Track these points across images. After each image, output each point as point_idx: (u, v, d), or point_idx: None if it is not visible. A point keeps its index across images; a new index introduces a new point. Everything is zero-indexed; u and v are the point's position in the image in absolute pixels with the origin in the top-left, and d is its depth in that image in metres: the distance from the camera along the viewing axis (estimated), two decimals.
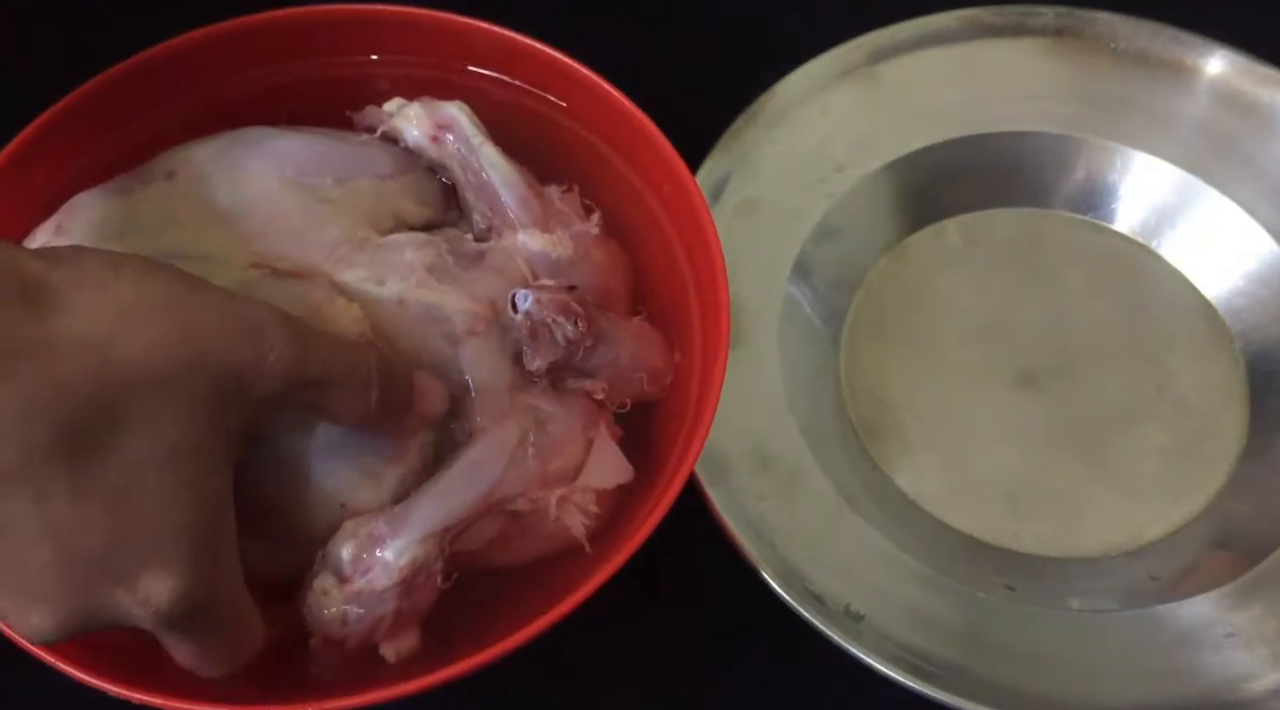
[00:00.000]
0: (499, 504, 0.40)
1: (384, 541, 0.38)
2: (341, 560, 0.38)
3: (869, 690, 0.45)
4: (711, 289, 0.43)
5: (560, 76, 0.47)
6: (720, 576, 0.47)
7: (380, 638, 0.39)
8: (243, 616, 0.35)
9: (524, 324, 0.41)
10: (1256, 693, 0.45)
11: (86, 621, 0.32)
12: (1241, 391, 0.54)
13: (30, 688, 0.40)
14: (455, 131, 0.45)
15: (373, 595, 0.38)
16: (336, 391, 0.36)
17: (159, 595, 0.32)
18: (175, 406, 0.31)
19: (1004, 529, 0.50)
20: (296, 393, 0.35)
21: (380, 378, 0.37)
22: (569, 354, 0.42)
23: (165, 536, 0.32)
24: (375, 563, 0.38)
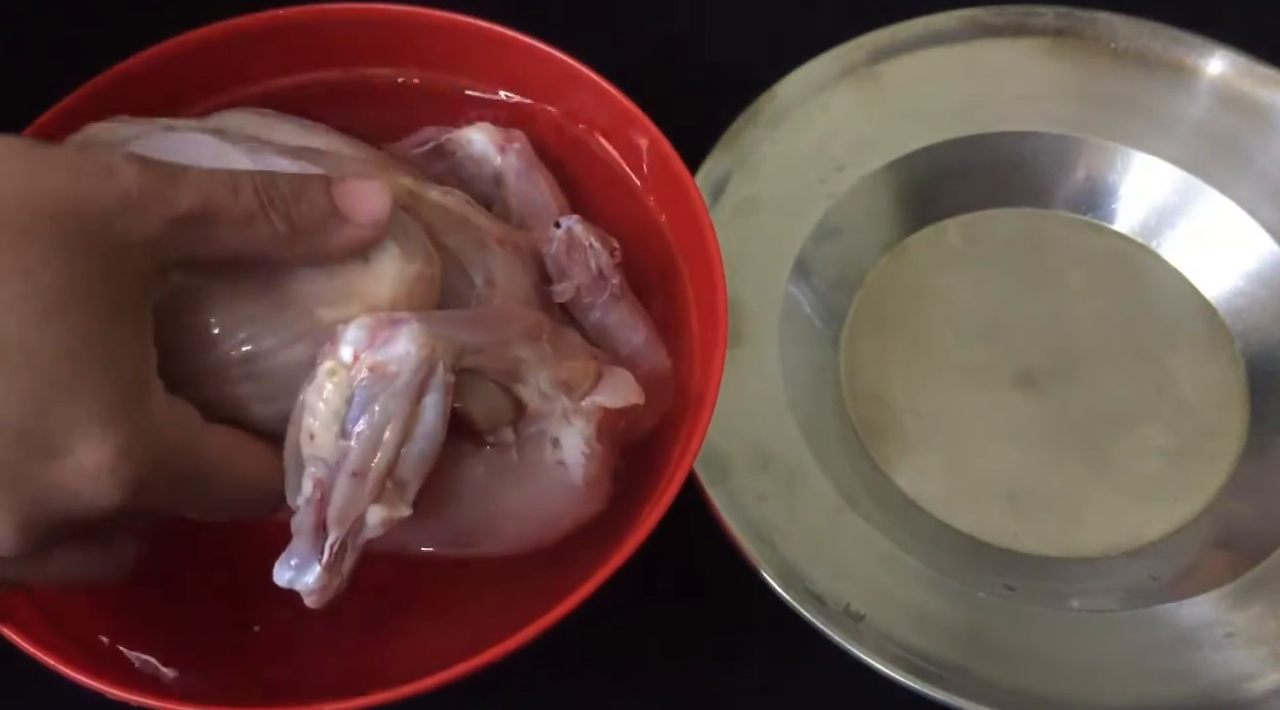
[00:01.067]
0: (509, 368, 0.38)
1: (403, 324, 0.35)
2: (353, 335, 0.34)
3: (869, 690, 0.45)
4: (710, 289, 0.43)
5: (560, 76, 0.47)
6: (720, 576, 0.47)
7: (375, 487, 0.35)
8: (222, 461, 0.34)
9: (563, 239, 0.40)
10: (1256, 693, 0.45)
11: (44, 513, 0.30)
12: (1241, 391, 0.54)
13: (30, 688, 0.40)
14: (521, 145, 0.46)
15: (386, 378, 0.34)
16: (227, 224, 0.33)
17: (102, 457, 0.30)
18: (44, 254, 0.30)
19: (1004, 529, 0.50)
20: (184, 234, 0.32)
21: (277, 195, 0.33)
22: (596, 287, 0.41)
23: (79, 390, 0.30)
24: (397, 336, 0.34)
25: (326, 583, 0.35)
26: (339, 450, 0.34)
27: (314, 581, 0.34)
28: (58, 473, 0.30)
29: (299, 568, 0.35)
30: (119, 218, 0.31)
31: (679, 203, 0.45)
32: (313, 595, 0.35)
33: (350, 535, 0.35)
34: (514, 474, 0.40)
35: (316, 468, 0.34)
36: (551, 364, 0.39)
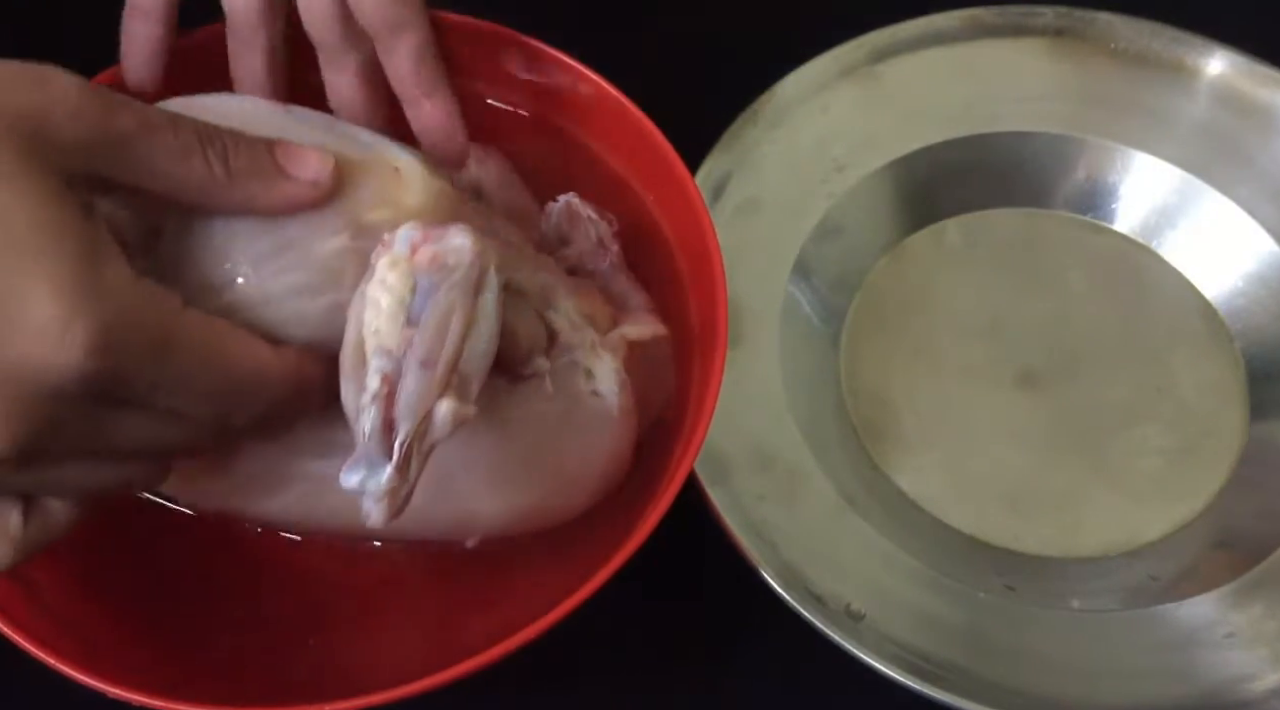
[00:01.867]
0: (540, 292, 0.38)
1: (452, 224, 0.35)
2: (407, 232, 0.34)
3: (869, 690, 0.45)
4: (710, 289, 0.43)
5: (560, 75, 0.47)
6: (720, 576, 0.47)
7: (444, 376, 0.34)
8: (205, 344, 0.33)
9: (562, 210, 0.41)
10: (1256, 693, 0.45)
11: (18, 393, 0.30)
12: (1241, 391, 0.54)
13: (30, 688, 0.40)
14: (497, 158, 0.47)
15: (446, 269, 0.34)
16: (162, 152, 0.33)
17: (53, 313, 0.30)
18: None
19: (1004, 529, 0.50)
20: (118, 150, 0.32)
21: (217, 140, 0.34)
22: (598, 254, 0.41)
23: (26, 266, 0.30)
24: (449, 232, 0.34)
25: (397, 485, 0.33)
26: (405, 340, 0.34)
27: (385, 482, 0.33)
28: (19, 344, 0.30)
29: (368, 470, 0.33)
30: (52, 117, 0.31)
31: (679, 203, 0.45)
32: (382, 500, 0.33)
33: (418, 437, 0.33)
34: (552, 405, 0.40)
35: (382, 362, 0.33)
36: (577, 295, 0.40)
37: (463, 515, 0.41)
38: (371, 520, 0.33)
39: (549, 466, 0.41)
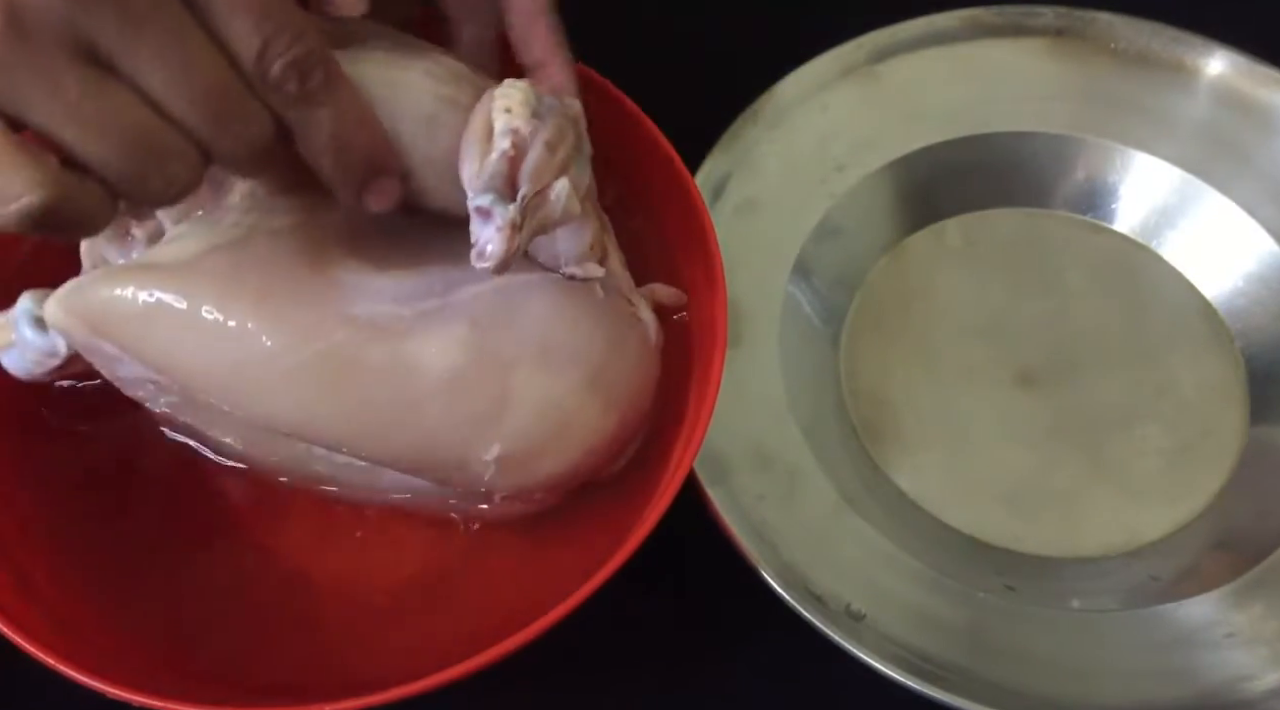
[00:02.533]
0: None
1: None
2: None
3: (869, 690, 0.45)
4: (710, 289, 0.43)
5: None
6: (720, 576, 0.47)
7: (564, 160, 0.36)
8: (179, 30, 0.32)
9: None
10: (1256, 693, 0.45)
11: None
12: (1241, 391, 0.54)
13: (30, 688, 0.40)
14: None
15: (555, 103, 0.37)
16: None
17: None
18: None
19: (1004, 529, 0.50)
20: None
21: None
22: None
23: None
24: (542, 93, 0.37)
25: (512, 234, 0.35)
26: (533, 124, 0.36)
27: (511, 212, 0.35)
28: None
29: (489, 217, 0.35)
30: None
31: (679, 203, 0.45)
32: (499, 245, 0.35)
33: (532, 208, 0.35)
34: (603, 306, 0.40)
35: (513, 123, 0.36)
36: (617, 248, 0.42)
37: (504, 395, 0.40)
38: (490, 250, 0.35)
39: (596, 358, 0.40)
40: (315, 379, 0.38)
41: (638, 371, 0.42)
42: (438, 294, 0.39)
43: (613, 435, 0.41)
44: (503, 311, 0.39)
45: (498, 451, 0.39)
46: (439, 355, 0.38)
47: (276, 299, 0.38)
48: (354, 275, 0.39)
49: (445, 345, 0.38)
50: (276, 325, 0.37)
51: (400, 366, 0.38)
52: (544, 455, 0.40)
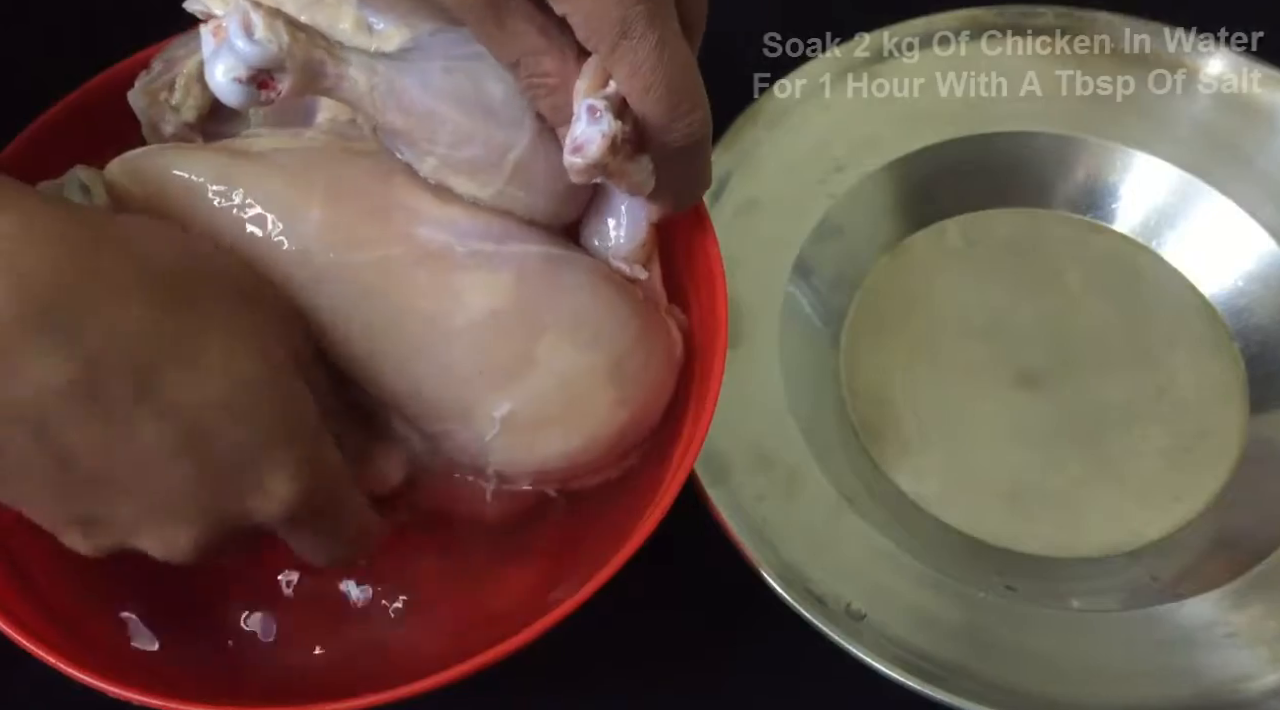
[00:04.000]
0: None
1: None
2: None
3: (869, 690, 0.45)
4: (710, 288, 0.43)
5: None
6: (720, 576, 0.47)
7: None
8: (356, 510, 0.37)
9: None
10: (1256, 693, 0.45)
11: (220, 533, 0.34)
12: (1241, 391, 0.54)
13: (30, 688, 0.40)
14: None
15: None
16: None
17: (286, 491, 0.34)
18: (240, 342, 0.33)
19: (1004, 529, 0.50)
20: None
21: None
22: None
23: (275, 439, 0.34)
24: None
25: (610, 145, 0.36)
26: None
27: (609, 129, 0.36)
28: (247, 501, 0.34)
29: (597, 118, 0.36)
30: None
31: None
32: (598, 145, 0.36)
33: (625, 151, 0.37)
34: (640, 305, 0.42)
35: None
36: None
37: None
38: (588, 148, 0.36)
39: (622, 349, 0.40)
40: (360, 283, 0.38)
41: (658, 377, 0.42)
42: (494, 239, 0.39)
43: (619, 431, 0.41)
44: (549, 274, 0.39)
45: (507, 409, 0.39)
46: (482, 295, 0.38)
47: (341, 203, 0.38)
48: (418, 201, 0.39)
49: (490, 288, 0.39)
50: (336, 226, 0.38)
51: (444, 293, 0.38)
52: (549, 428, 0.40)
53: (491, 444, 0.39)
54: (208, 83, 0.37)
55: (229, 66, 0.36)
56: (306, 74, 0.37)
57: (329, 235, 0.38)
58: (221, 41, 0.36)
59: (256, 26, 0.36)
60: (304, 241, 0.38)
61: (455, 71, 0.39)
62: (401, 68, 0.38)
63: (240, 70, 0.36)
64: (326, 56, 0.37)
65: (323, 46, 0.37)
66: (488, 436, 0.39)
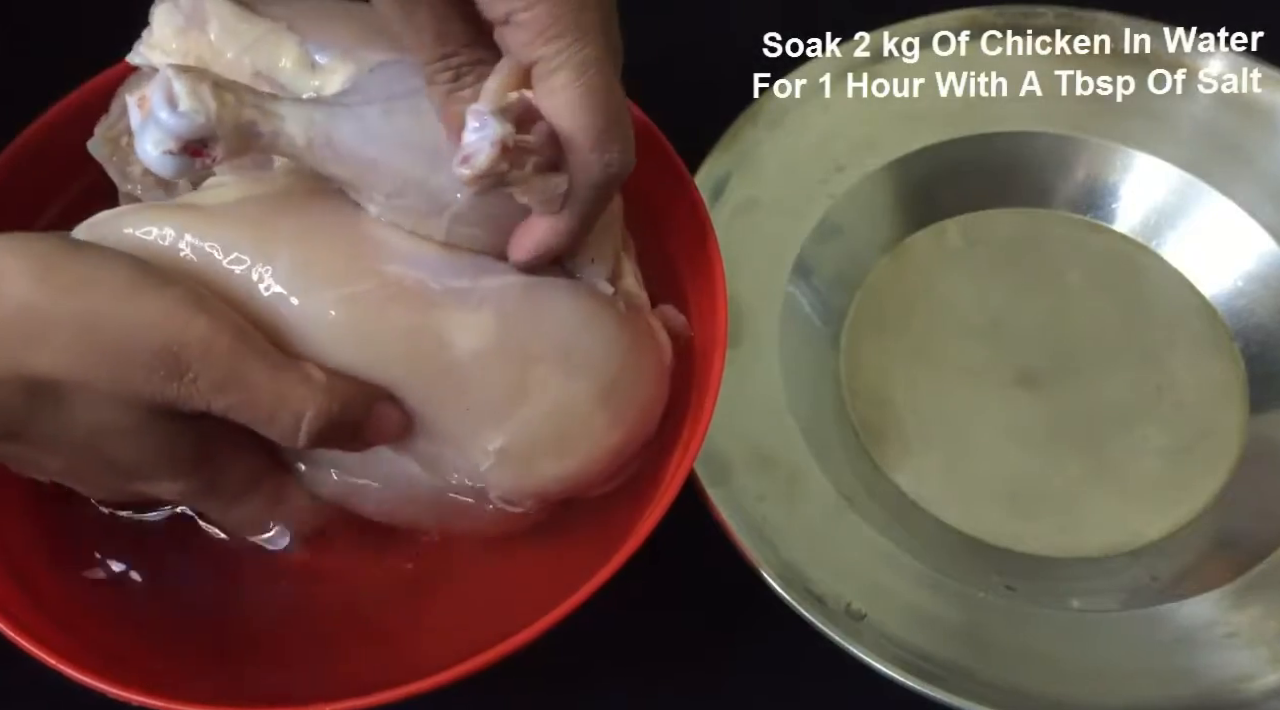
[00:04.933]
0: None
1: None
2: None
3: (869, 690, 0.45)
4: (710, 288, 0.43)
5: None
6: (720, 576, 0.47)
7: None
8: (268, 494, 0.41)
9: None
10: (1256, 693, 0.45)
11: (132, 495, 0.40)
12: (1241, 391, 0.54)
13: (30, 688, 0.40)
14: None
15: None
16: (260, 419, 0.36)
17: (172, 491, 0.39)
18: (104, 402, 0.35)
19: (1004, 529, 0.50)
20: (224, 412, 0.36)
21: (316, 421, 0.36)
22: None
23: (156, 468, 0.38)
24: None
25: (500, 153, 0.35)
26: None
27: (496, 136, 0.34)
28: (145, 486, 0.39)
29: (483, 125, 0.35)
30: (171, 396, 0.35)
31: (679, 203, 0.45)
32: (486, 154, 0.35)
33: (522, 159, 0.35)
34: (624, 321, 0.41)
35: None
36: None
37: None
38: (476, 158, 0.34)
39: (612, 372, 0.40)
40: (333, 322, 0.37)
41: (649, 392, 0.42)
42: (469, 275, 0.39)
43: (614, 451, 0.41)
44: (530, 305, 0.39)
45: (500, 443, 0.39)
46: (464, 335, 0.38)
47: (307, 243, 0.38)
48: (387, 237, 0.38)
49: (472, 328, 0.38)
50: (306, 265, 0.37)
51: (423, 335, 0.38)
52: (544, 457, 0.40)
53: (488, 474, 0.39)
54: (139, 157, 0.36)
55: (157, 140, 0.35)
56: (239, 138, 0.36)
57: (299, 276, 0.37)
58: (147, 114, 0.35)
59: (180, 97, 0.35)
60: (275, 287, 0.37)
61: (396, 113, 0.38)
62: (339, 114, 0.37)
63: (169, 143, 0.35)
64: (258, 116, 0.36)
65: (253, 104, 0.36)
66: (483, 467, 0.39)
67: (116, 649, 0.40)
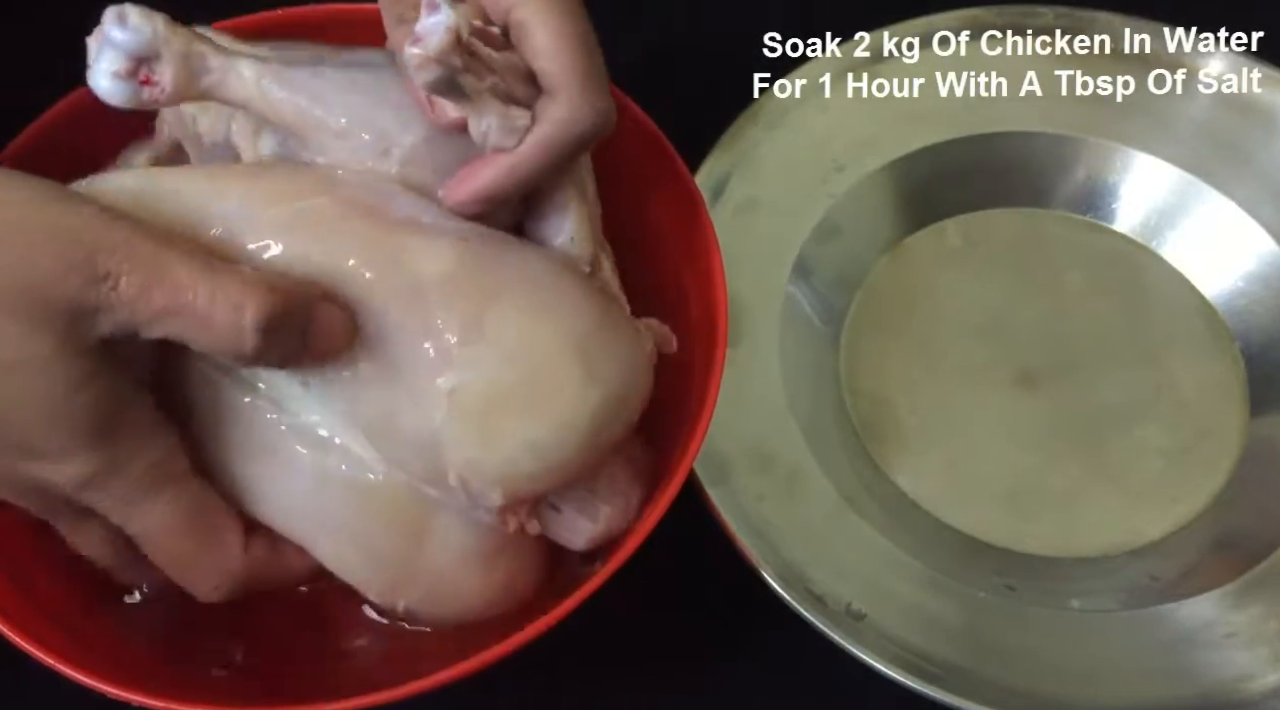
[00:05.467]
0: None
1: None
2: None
3: (869, 690, 0.45)
4: (710, 288, 0.43)
5: None
6: (720, 576, 0.47)
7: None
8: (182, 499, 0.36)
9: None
10: (1256, 693, 0.45)
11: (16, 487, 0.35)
12: (1241, 391, 0.54)
13: (30, 688, 0.40)
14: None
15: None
16: (196, 330, 0.33)
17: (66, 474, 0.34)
18: (9, 325, 0.32)
19: (1004, 529, 0.50)
20: (149, 329, 0.33)
21: (259, 314, 0.33)
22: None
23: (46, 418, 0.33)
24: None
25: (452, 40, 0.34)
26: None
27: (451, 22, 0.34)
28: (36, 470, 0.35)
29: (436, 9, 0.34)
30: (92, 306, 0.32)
31: (679, 203, 0.45)
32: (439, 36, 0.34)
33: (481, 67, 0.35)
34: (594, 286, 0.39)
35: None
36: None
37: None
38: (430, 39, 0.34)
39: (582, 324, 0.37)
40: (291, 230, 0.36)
41: (629, 359, 0.38)
42: (426, 212, 0.37)
43: (590, 419, 0.36)
44: (493, 246, 0.37)
45: (455, 381, 0.35)
46: (421, 259, 0.36)
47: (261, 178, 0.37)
48: (341, 175, 0.38)
49: (430, 254, 0.36)
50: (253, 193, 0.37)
51: (378, 252, 0.36)
52: (509, 415, 0.36)
53: (444, 432, 0.35)
54: (91, 88, 0.36)
55: (109, 61, 0.36)
56: (188, 65, 0.36)
57: (251, 201, 0.36)
58: (100, 40, 0.36)
59: (129, 14, 0.35)
60: (227, 213, 0.36)
61: (352, 67, 0.38)
62: (293, 62, 0.38)
63: (119, 63, 0.36)
64: (208, 49, 0.36)
65: (205, 41, 0.37)
66: (437, 419, 0.35)
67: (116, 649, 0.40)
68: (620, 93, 0.46)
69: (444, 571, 0.38)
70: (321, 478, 0.37)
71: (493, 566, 0.39)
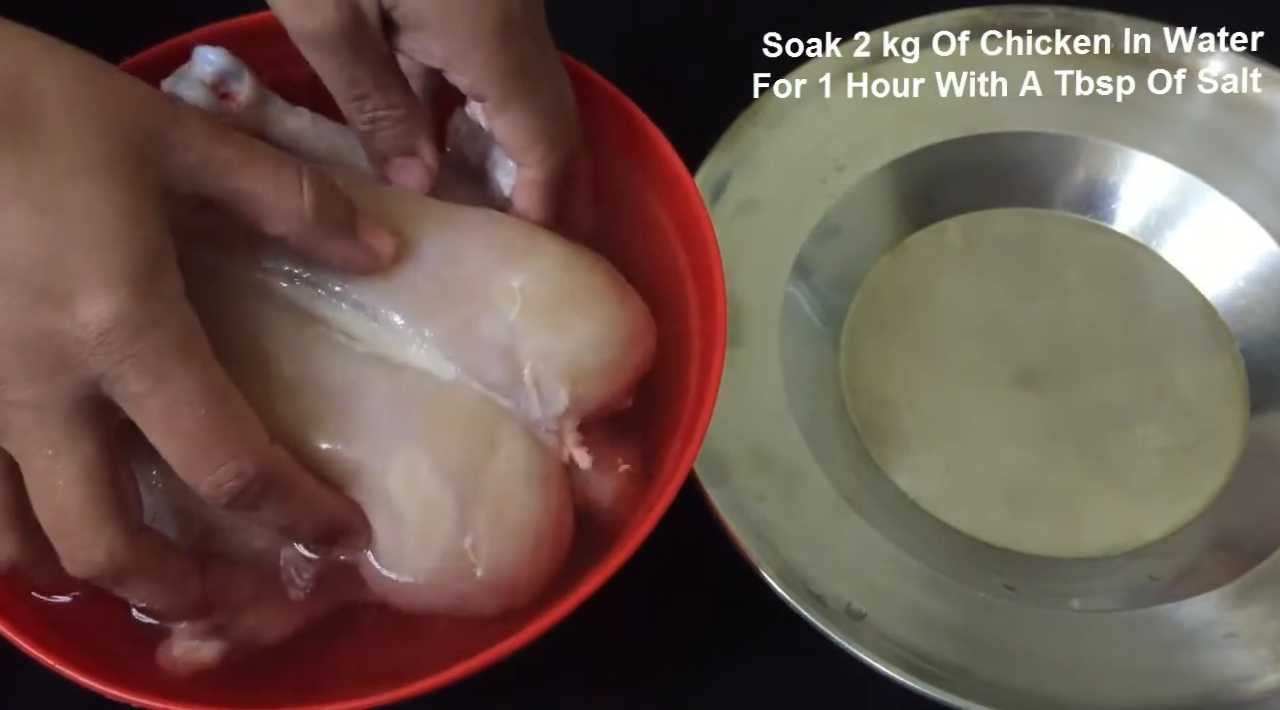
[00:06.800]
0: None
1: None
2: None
3: (869, 690, 0.45)
4: (709, 288, 0.43)
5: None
6: (720, 576, 0.47)
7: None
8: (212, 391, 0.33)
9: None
10: (1256, 693, 0.45)
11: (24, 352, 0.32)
12: (1241, 391, 0.54)
13: (30, 688, 0.40)
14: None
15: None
16: (259, 185, 0.35)
17: (97, 314, 0.31)
18: (92, 125, 0.32)
19: (1004, 529, 0.50)
20: (215, 179, 0.34)
21: (314, 184, 0.36)
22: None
23: (97, 245, 0.31)
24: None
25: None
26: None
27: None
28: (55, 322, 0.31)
29: None
30: (167, 136, 0.34)
31: (679, 203, 0.45)
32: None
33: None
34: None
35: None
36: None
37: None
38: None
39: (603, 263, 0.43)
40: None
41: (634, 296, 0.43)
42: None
43: (632, 324, 0.42)
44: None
45: (523, 279, 0.40)
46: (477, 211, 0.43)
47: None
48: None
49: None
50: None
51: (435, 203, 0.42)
52: (570, 311, 0.41)
53: (518, 326, 0.40)
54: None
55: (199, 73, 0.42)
56: (259, 90, 0.43)
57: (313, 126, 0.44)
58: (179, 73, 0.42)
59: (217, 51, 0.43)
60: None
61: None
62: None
63: (208, 75, 0.42)
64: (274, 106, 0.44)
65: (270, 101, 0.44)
66: (512, 314, 0.40)
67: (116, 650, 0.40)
68: (619, 93, 0.46)
69: (508, 490, 0.39)
70: (395, 395, 0.39)
71: (549, 493, 0.40)
